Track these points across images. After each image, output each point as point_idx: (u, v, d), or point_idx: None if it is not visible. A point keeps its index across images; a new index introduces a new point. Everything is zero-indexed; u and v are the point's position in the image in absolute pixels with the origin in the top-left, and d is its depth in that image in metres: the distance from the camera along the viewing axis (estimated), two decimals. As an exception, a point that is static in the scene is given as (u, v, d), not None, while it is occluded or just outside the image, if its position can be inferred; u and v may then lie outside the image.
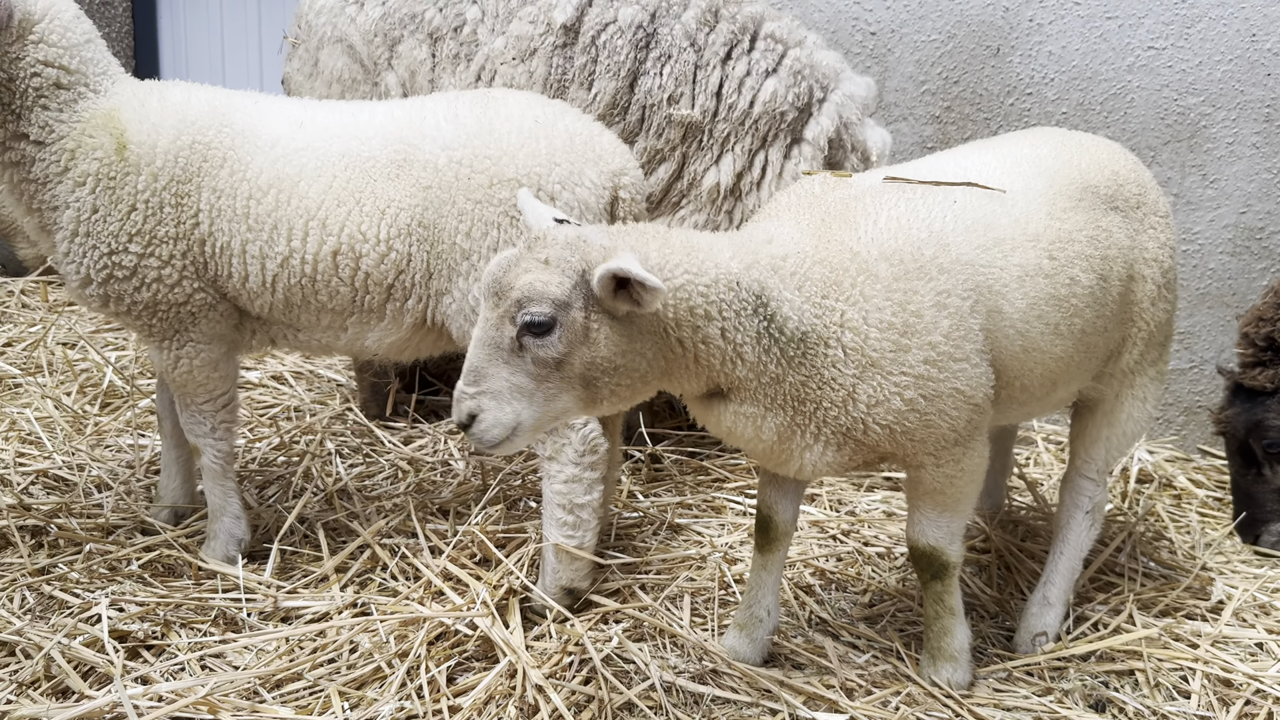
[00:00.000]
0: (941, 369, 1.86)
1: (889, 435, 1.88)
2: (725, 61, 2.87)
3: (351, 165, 2.21)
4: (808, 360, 1.83)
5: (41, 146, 2.19)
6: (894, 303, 1.84)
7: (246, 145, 2.21)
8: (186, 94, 2.27)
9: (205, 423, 2.41)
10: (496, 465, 3.09)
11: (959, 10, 3.62)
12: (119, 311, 2.28)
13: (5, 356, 3.77)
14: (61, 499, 2.74)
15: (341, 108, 2.36)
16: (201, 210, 2.21)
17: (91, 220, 2.18)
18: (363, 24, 2.95)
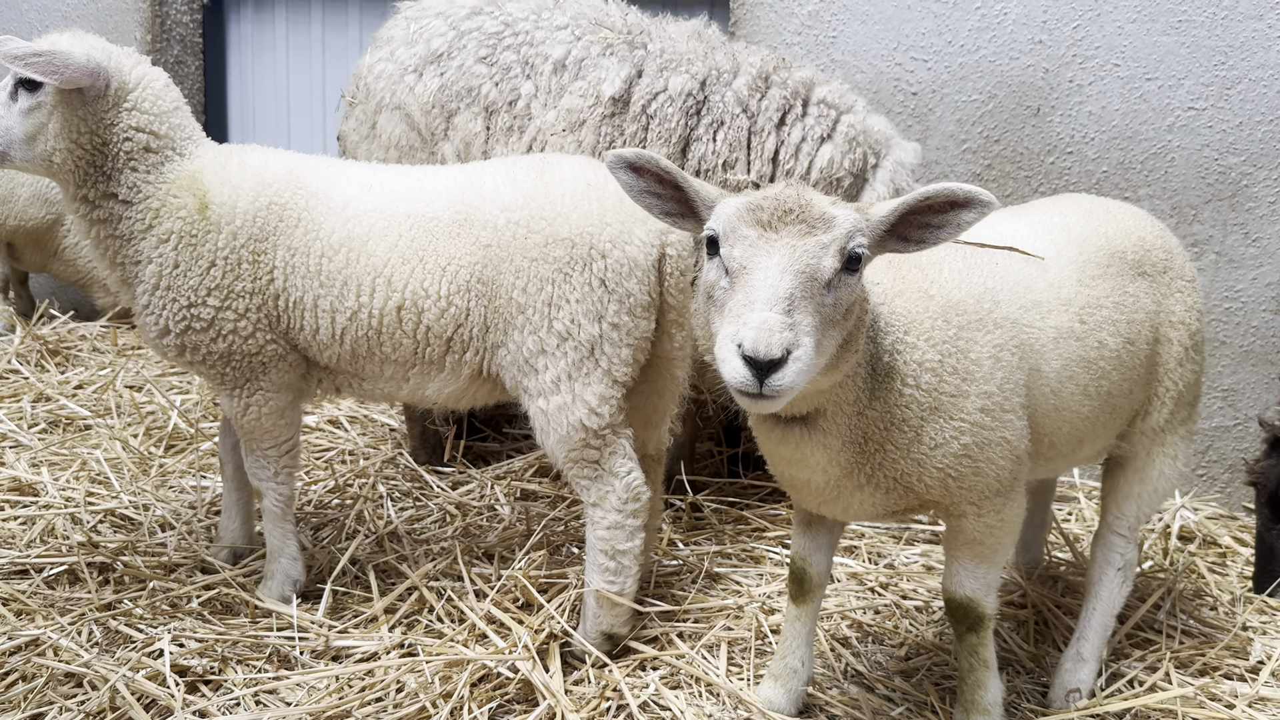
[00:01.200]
0: (994, 418, 1.91)
1: (941, 480, 1.92)
2: (780, 127, 2.95)
3: (416, 225, 2.33)
4: (884, 396, 1.85)
5: (129, 205, 2.34)
6: (959, 350, 1.90)
7: (320, 206, 2.35)
8: (264, 157, 2.42)
9: (269, 467, 2.53)
10: (540, 512, 3.17)
11: (1000, 71, 3.69)
12: (194, 361, 2.40)
13: (76, 399, 3.95)
14: (128, 537, 2.87)
15: (407, 171, 2.49)
16: (276, 267, 2.35)
17: (173, 275, 2.32)
18: (421, 94, 3.08)
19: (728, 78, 2.99)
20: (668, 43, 3.05)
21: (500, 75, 3.05)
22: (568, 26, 3.07)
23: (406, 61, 3.12)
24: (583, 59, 3.01)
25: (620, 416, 2.35)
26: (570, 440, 2.32)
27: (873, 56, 3.83)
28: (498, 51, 3.07)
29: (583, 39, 3.04)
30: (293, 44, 5.08)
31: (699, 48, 3.04)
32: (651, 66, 2.98)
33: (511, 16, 3.11)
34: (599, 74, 2.98)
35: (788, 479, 2.00)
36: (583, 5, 3.15)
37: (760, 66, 3.01)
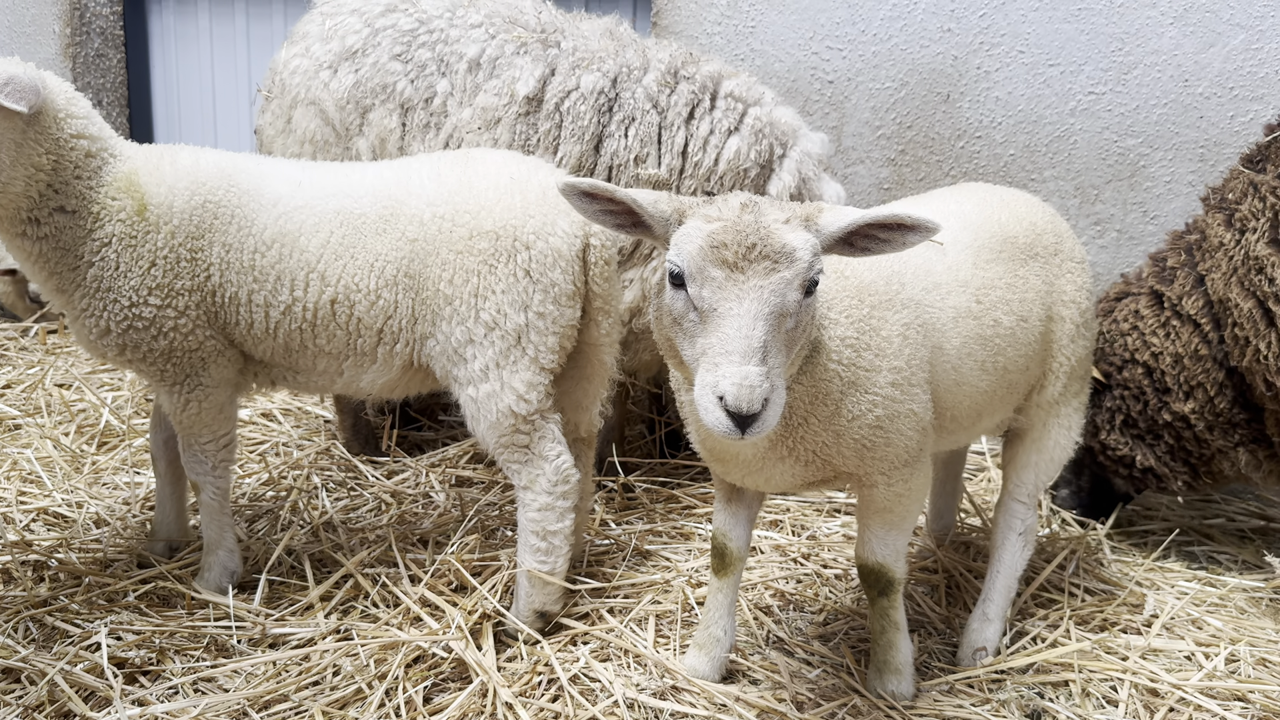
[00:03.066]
0: (903, 391, 2.03)
1: (857, 451, 2.04)
2: (689, 121, 3.04)
3: (345, 221, 2.38)
4: (810, 370, 1.95)
5: (73, 215, 2.34)
6: (872, 328, 2.02)
7: (252, 204, 2.39)
8: (195, 156, 2.44)
9: (206, 461, 2.57)
10: (474, 497, 3.24)
11: (911, 59, 3.82)
12: (134, 359, 2.43)
13: (5, 399, 3.92)
14: (61, 535, 2.89)
15: (336, 168, 2.53)
16: (213, 264, 2.38)
17: (114, 276, 2.34)
18: (336, 90, 3.12)
19: (638, 74, 3.07)
20: (580, 41, 3.12)
21: (416, 73, 3.09)
22: (482, 25, 3.12)
23: (321, 57, 3.15)
24: (497, 58, 3.07)
25: (548, 402, 2.43)
26: (500, 426, 2.40)
27: (790, 46, 3.93)
28: (413, 49, 3.11)
29: (497, 37, 3.10)
30: (216, 35, 5.04)
31: (610, 45, 3.12)
32: (564, 65, 3.05)
33: (426, 14, 3.15)
34: (513, 73, 3.04)
35: (717, 453, 2.10)
36: (497, 3, 3.20)
37: (669, 62, 3.09)
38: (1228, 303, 2.71)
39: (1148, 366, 2.96)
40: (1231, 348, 2.76)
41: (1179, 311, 2.89)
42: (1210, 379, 2.85)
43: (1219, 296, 2.76)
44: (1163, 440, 3.01)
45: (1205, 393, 2.87)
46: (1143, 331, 2.96)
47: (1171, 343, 2.90)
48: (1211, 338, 2.83)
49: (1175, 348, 2.89)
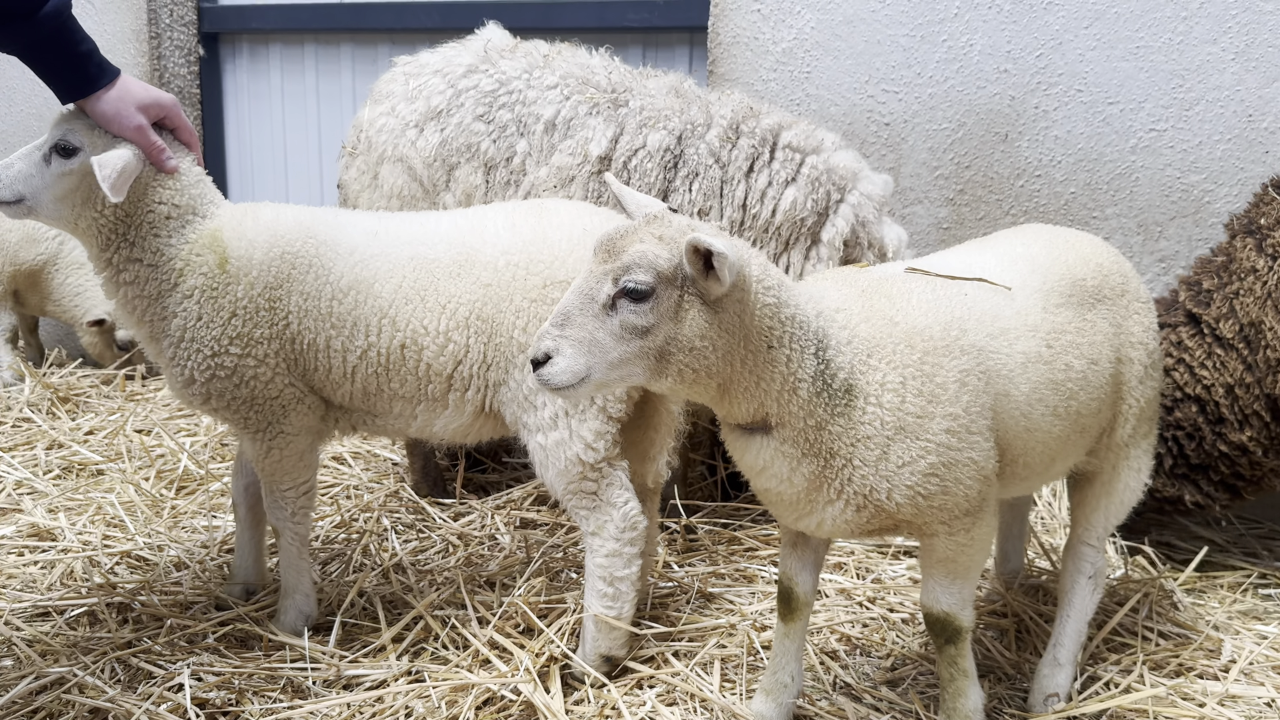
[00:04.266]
0: (960, 439, 2.03)
1: (911, 499, 2.03)
2: (748, 175, 3.12)
3: (419, 267, 2.46)
4: (848, 413, 1.97)
5: (154, 268, 2.45)
6: (924, 373, 2.02)
7: (329, 253, 2.48)
8: (275, 212, 2.54)
9: (287, 507, 2.65)
10: (539, 539, 3.29)
11: (968, 100, 3.84)
12: (219, 407, 2.52)
13: (88, 444, 4.07)
14: (144, 577, 2.99)
15: (411, 217, 2.62)
16: (291, 312, 2.47)
17: (197, 327, 2.44)
18: (423, 149, 3.24)
19: (701, 130, 3.16)
20: (647, 99, 3.21)
21: (497, 133, 3.21)
22: (557, 86, 3.23)
23: (408, 117, 3.27)
24: (571, 119, 3.18)
25: (615, 450, 2.47)
26: (568, 474, 2.44)
27: (845, 90, 3.98)
28: (494, 110, 3.23)
29: (571, 99, 3.21)
30: (287, 93, 5.24)
31: (676, 103, 3.20)
32: (632, 124, 3.15)
33: (505, 75, 3.27)
34: (586, 133, 3.15)
35: (761, 490, 2.12)
36: (570, 63, 3.31)
37: (731, 117, 3.17)
38: (1261, 326, 2.71)
39: (1200, 400, 2.93)
40: (1264, 373, 2.75)
41: (1219, 335, 2.88)
42: (1261, 402, 2.83)
43: (1251, 319, 2.75)
44: (1215, 471, 2.98)
45: (1260, 418, 2.85)
46: (1190, 364, 2.93)
47: (1220, 372, 2.88)
48: (1250, 360, 2.82)
49: (1225, 377, 2.87)
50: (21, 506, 3.46)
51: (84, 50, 2.34)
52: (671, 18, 4.45)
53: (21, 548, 3.17)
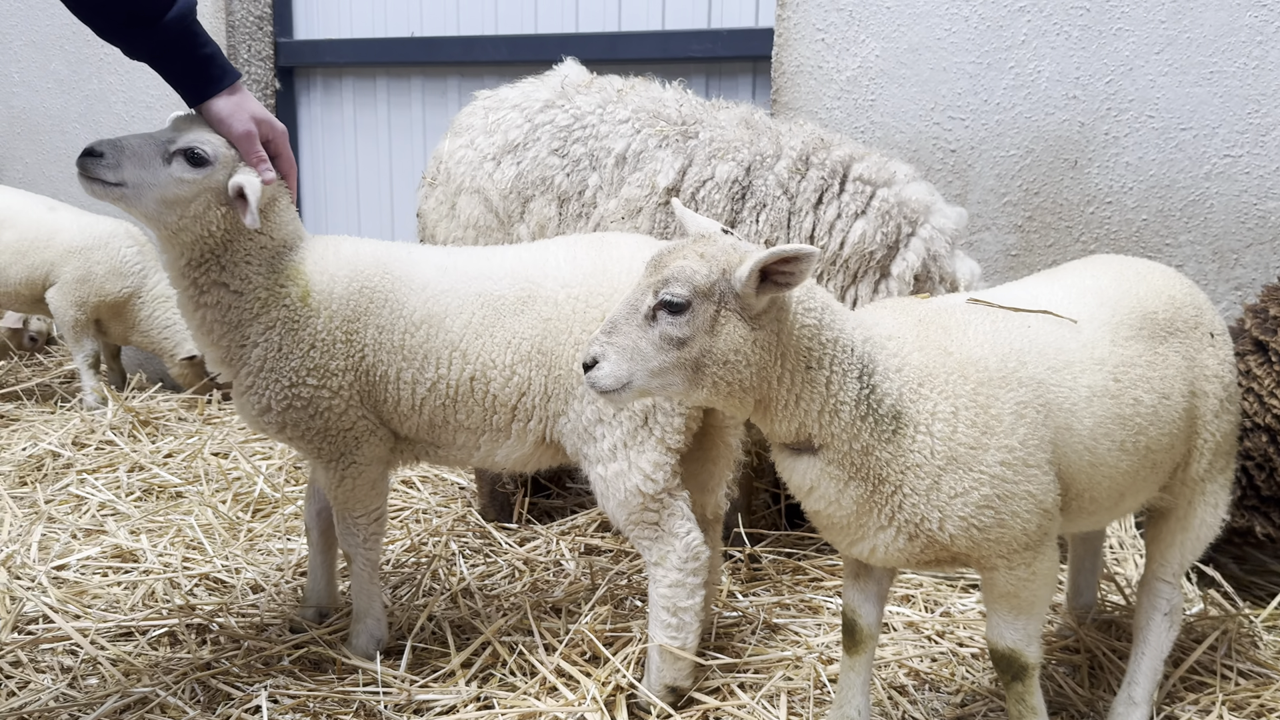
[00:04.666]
0: (1016, 472, 2.02)
1: (965, 530, 2.02)
2: (816, 207, 3.13)
3: (486, 303, 2.52)
4: (897, 440, 1.99)
5: (239, 295, 2.48)
6: (978, 404, 2.01)
7: (403, 288, 2.54)
8: (355, 247, 2.61)
9: (359, 534, 2.71)
10: (604, 566, 3.32)
11: (1036, 127, 3.81)
12: (293, 436, 2.58)
13: (167, 467, 4.20)
14: (222, 599, 3.07)
15: (477, 253, 2.68)
16: (367, 344, 2.53)
17: (276, 357, 2.49)
18: (499, 181, 3.31)
19: (770, 161, 3.18)
20: (717, 131, 3.25)
21: (571, 167, 3.28)
22: (629, 120, 3.29)
23: (485, 150, 3.35)
24: (641, 151, 3.23)
25: (675, 481, 2.49)
26: (629, 504, 2.47)
27: (911, 117, 3.97)
28: (568, 144, 3.30)
29: (641, 132, 3.26)
30: (360, 124, 5.38)
31: (746, 134, 3.23)
32: (701, 155, 3.19)
33: (580, 110, 3.33)
34: (654, 165, 3.19)
35: (811, 513, 2.14)
36: (643, 97, 3.36)
37: (801, 149, 3.18)
38: None
39: (1270, 430, 2.85)
40: None
41: None
42: None
43: None
44: None
45: None
46: (1259, 393, 2.86)
47: None
48: None
49: None
50: (105, 528, 3.58)
51: (208, 53, 2.38)
52: (735, 47, 4.48)
53: (106, 568, 3.29)
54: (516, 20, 4.95)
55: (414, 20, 5.15)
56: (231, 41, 5.16)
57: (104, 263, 4.98)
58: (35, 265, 4.95)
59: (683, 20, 4.64)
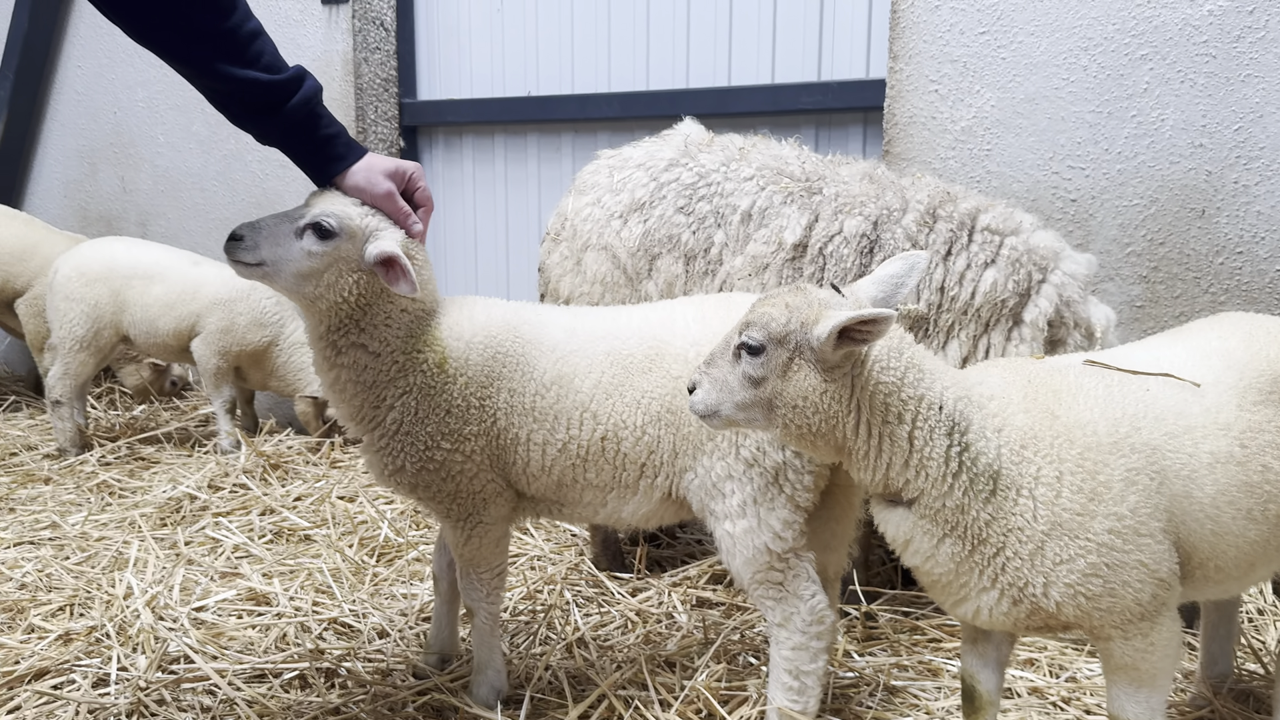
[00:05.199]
0: (1126, 540, 1.97)
1: (1072, 598, 1.98)
2: (946, 258, 3.13)
3: (615, 362, 2.56)
4: (996, 502, 1.98)
5: (376, 357, 2.54)
6: (1085, 469, 1.98)
7: (533, 351, 2.59)
8: (487, 311, 2.65)
9: (482, 589, 2.78)
10: (716, 620, 3.33)
11: (1160, 176, 3.72)
12: (424, 497, 2.65)
13: (297, 510, 4.39)
14: (349, 644, 3.19)
15: (604, 313, 2.72)
16: (499, 409, 2.58)
17: (412, 421, 2.54)
18: (627, 239, 3.40)
19: (897, 215, 3.19)
20: (841, 186, 3.28)
21: (697, 224, 3.35)
22: (753, 177, 3.35)
23: (612, 207, 3.45)
24: (766, 208, 3.29)
25: (803, 540, 2.49)
26: (755, 562, 2.46)
27: (1028, 167, 3.92)
28: (693, 202, 3.37)
29: (766, 189, 3.32)
30: (478, 179, 5.57)
31: (871, 189, 3.26)
32: (827, 211, 3.23)
33: (704, 168, 3.41)
34: (781, 222, 3.25)
35: (913, 569, 2.14)
36: (765, 155, 3.42)
37: (927, 203, 3.20)
38: None
39: None
40: None
41: None
42: None
43: None
44: None
45: None
46: None
47: None
48: None
49: None
50: (240, 570, 3.76)
51: (333, 133, 2.47)
52: (845, 99, 4.51)
53: (241, 610, 3.45)
54: (629, 78, 5.08)
55: (530, 80, 5.33)
56: (360, 103, 5.42)
57: (246, 314, 5.26)
58: (182, 317, 5.26)
59: (793, 74, 4.69)
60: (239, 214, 5.91)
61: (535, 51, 5.32)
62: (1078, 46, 3.81)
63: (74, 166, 6.70)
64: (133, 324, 5.27)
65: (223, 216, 6.04)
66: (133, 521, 4.26)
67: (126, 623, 3.26)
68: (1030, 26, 3.88)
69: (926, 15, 4.03)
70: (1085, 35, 3.79)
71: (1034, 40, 3.88)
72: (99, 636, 3.19)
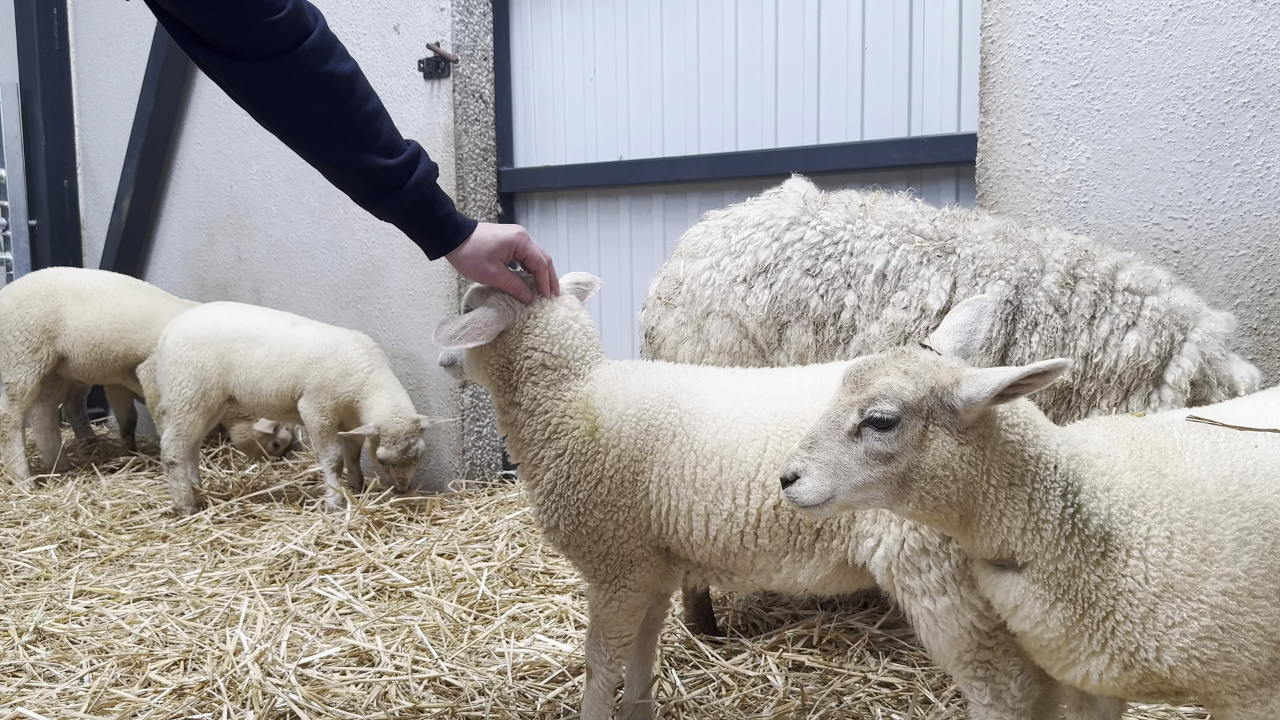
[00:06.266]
0: (1240, 602, 1.89)
1: (1186, 662, 1.91)
2: (1090, 323, 2.98)
3: (784, 425, 2.46)
4: (1106, 563, 1.92)
5: (530, 415, 2.61)
6: (1195, 529, 1.92)
7: (692, 422, 2.53)
8: (643, 380, 2.62)
9: (606, 654, 2.76)
10: (813, 688, 3.28)
11: (1268, 225, 3.61)
12: (575, 556, 2.66)
13: (398, 567, 4.50)
14: (449, 703, 3.25)
15: (769, 374, 2.64)
16: (652, 482, 2.55)
17: (565, 485, 2.57)
18: (753, 307, 3.25)
19: (1037, 277, 3.05)
20: (976, 247, 3.13)
21: (825, 287, 3.19)
22: (884, 236, 3.20)
23: (734, 272, 3.30)
24: (901, 268, 3.14)
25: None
26: (962, 642, 2.32)
27: (1128, 218, 3.84)
28: (820, 262, 3.22)
29: (900, 248, 3.16)
30: (573, 241, 5.71)
31: (1008, 249, 3.11)
32: (965, 274, 3.08)
33: (829, 226, 3.26)
34: (920, 285, 3.10)
35: (1018, 635, 2.07)
36: (890, 211, 3.28)
37: (1067, 262, 3.06)
38: None
39: None
40: None
41: None
42: None
43: None
44: None
45: None
46: None
47: None
48: None
49: None
50: (344, 627, 3.87)
51: (443, 214, 2.57)
52: (936, 154, 4.50)
53: (344, 668, 3.54)
54: (718, 139, 5.17)
55: (622, 145, 5.47)
56: (460, 172, 5.63)
57: (335, 367, 5.42)
58: (283, 378, 5.47)
59: (882, 130, 4.71)
60: (347, 280, 6.17)
61: (627, 117, 5.46)
62: (1175, 96, 3.74)
63: (192, 237, 7.09)
64: (238, 385, 5.50)
65: (332, 283, 6.31)
66: (243, 578, 4.42)
67: (236, 678, 3.38)
68: (1125, 78, 3.83)
69: (1017, 70, 4.01)
70: (1183, 85, 3.73)
71: (1129, 91, 3.82)
72: (210, 691, 3.32)
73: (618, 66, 5.48)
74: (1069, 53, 3.92)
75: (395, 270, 5.94)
